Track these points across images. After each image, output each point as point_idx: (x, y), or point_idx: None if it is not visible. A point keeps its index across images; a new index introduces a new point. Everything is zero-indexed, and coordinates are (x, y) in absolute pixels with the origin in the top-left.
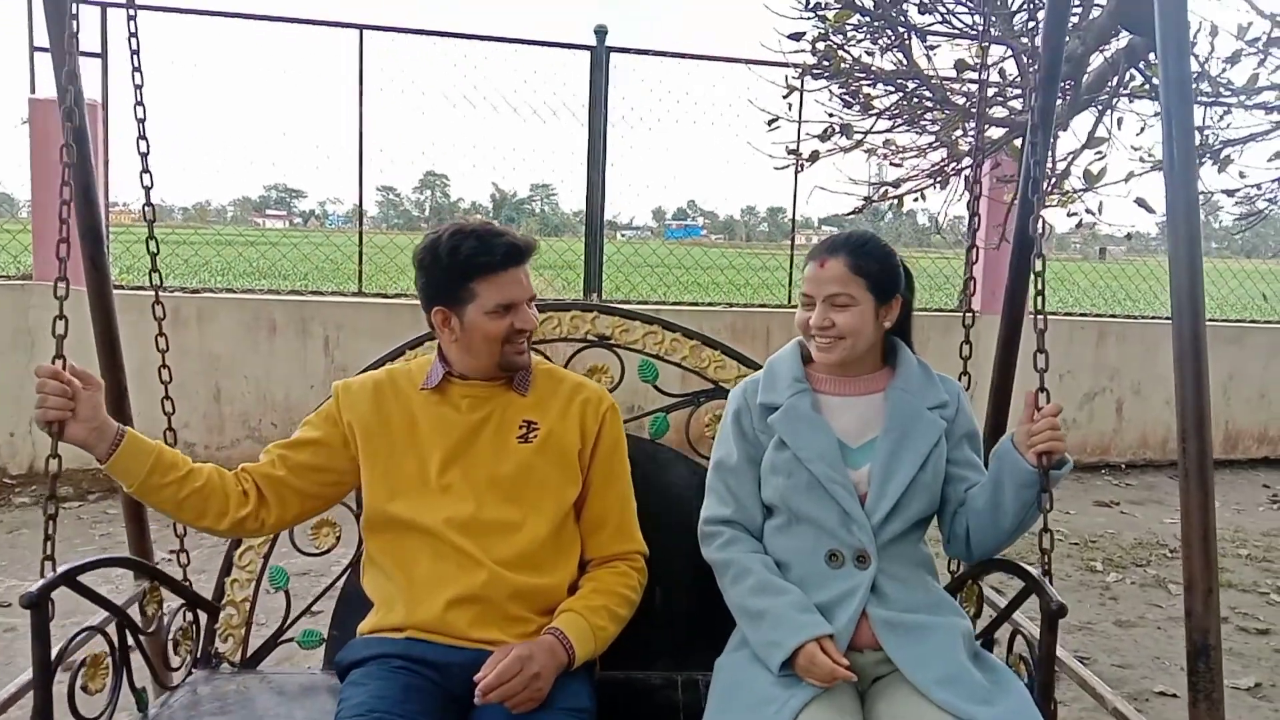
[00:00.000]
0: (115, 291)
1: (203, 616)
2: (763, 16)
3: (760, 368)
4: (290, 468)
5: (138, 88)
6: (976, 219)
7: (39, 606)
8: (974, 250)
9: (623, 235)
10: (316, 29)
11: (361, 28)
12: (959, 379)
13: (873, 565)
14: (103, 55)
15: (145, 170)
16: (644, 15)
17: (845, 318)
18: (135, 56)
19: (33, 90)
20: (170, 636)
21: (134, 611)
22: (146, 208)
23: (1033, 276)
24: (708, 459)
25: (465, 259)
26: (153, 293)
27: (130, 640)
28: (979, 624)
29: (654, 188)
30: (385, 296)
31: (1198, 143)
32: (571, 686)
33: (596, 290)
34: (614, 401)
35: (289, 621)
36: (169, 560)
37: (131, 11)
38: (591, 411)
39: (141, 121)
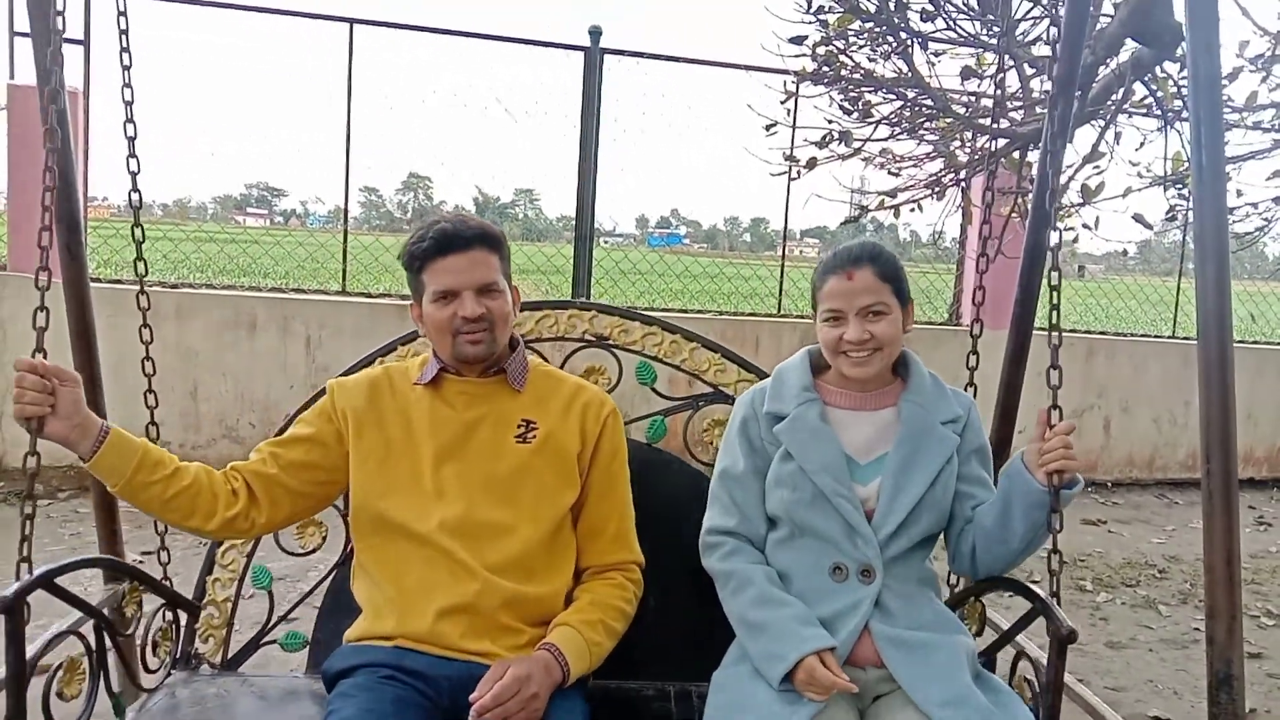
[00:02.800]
0: (91, 284)
1: (183, 617)
2: (762, 20)
3: (761, 373)
4: (282, 465)
5: (125, 69)
6: (987, 226)
7: (14, 611)
8: (982, 259)
9: (606, 241)
10: (304, 24)
11: (352, 21)
12: (965, 389)
13: (877, 580)
14: (85, 43)
15: (132, 155)
16: (637, 19)
17: (882, 327)
18: (124, 36)
19: (12, 76)
20: (149, 637)
21: (110, 613)
22: (133, 193)
23: (1049, 291)
24: (706, 464)
25: (409, 250)
26: (134, 286)
27: (107, 642)
28: (980, 643)
29: (640, 195)
30: (369, 296)
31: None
32: (565, 704)
33: (585, 296)
34: (615, 406)
35: (272, 623)
36: (142, 560)
37: (122, 7)
38: (593, 415)
39: (129, 104)
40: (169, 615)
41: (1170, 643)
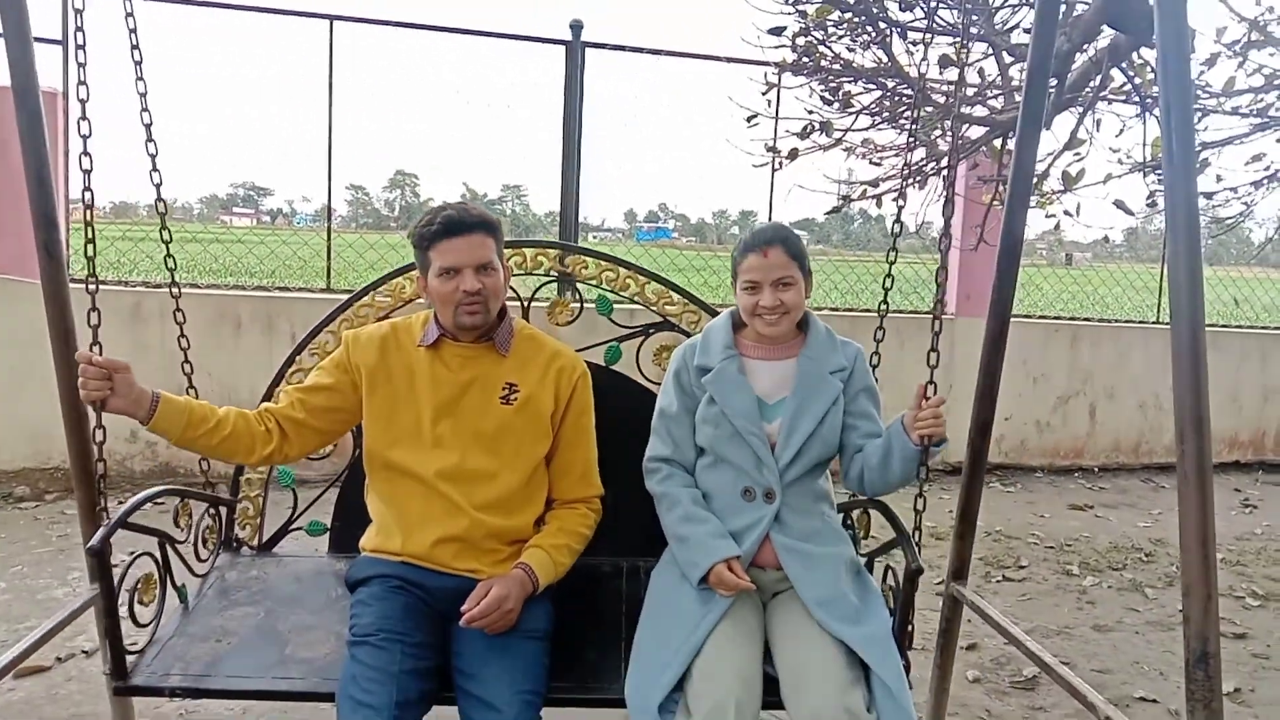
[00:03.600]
0: (70, 285)
1: (223, 512)
2: (743, 12)
3: (701, 302)
4: (309, 410)
5: (138, 63)
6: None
7: (103, 553)
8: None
9: (595, 237)
10: (285, 22)
11: (332, 18)
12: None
13: (778, 500)
14: (63, 42)
15: (154, 169)
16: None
17: (790, 295)
18: (134, 35)
19: None
20: (200, 534)
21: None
22: (159, 202)
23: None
24: (655, 382)
25: (418, 231)
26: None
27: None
28: (867, 546)
29: (628, 189)
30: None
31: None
32: (534, 610)
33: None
34: (586, 369)
35: (297, 514)
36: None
37: (129, 8)
38: (565, 379)
39: (144, 103)
40: (213, 512)
41: (1157, 625)
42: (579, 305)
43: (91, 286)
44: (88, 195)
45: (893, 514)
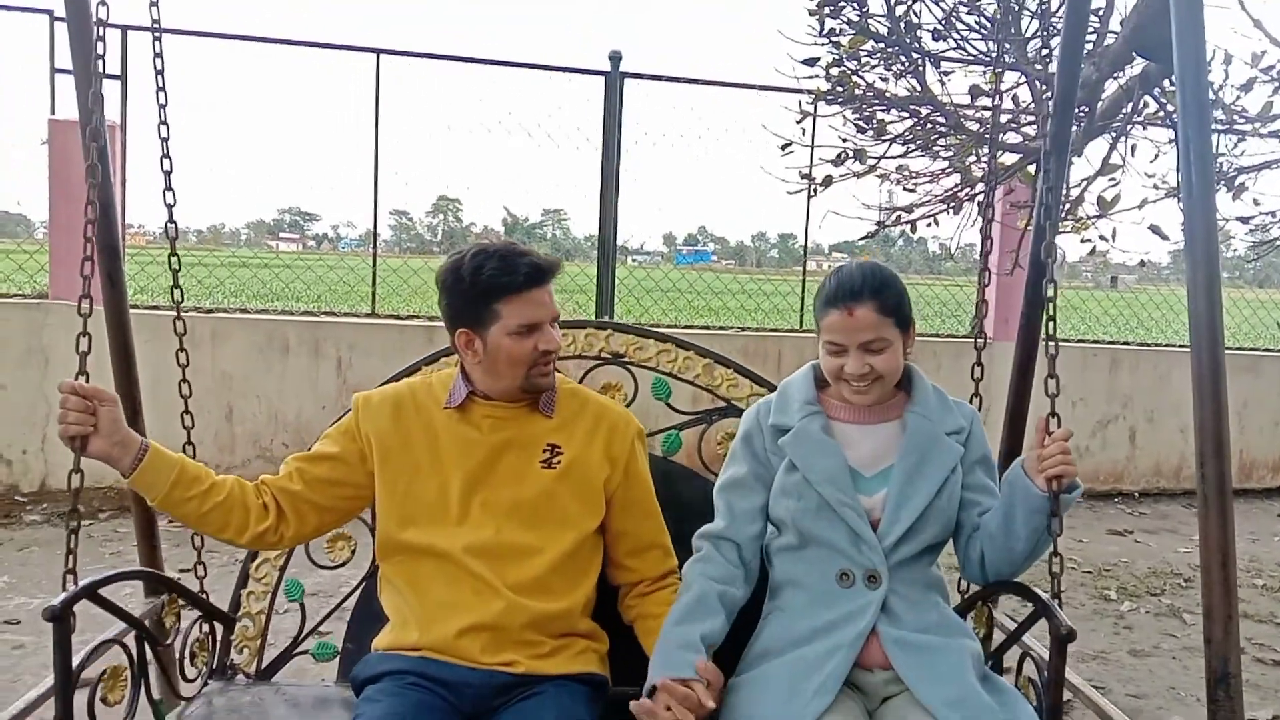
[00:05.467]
0: (130, 310)
1: (219, 628)
2: (777, 42)
3: (770, 384)
4: (307, 482)
5: (161, 107)
6: (989, 242)
7: (61, 619)
8: (985, 274)
9: (634, 260)
10: (334, 54)
11: (379, 52)
12: (971, 402)
13: (883, 585)
14: (123, 78)
15: (168, 187)
16: (658, 41)
17: (882, 360)
18: (160, 77)
19: (53, 111)
20: (187, 648)
21: (150, 624)
22: (170, 224)
23: (1045, 302)
24: (719, 475)
25: (488, 279)
26: (170, 312)
27: (148, 652)
28: (989, 646)
29: (665, 213)
30: (398, 318)
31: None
32: (579, 710)
33: (609, 314)
34: (640, 426)
35: (304, 634)
36: (180, 576)
37: (157, 34)
38: (619, 440)
39: (165, 141)
40: (206, 627)
41: (1194, 650)
42: (634, 388)
43: (85, 308)
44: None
45: (1025, 587)
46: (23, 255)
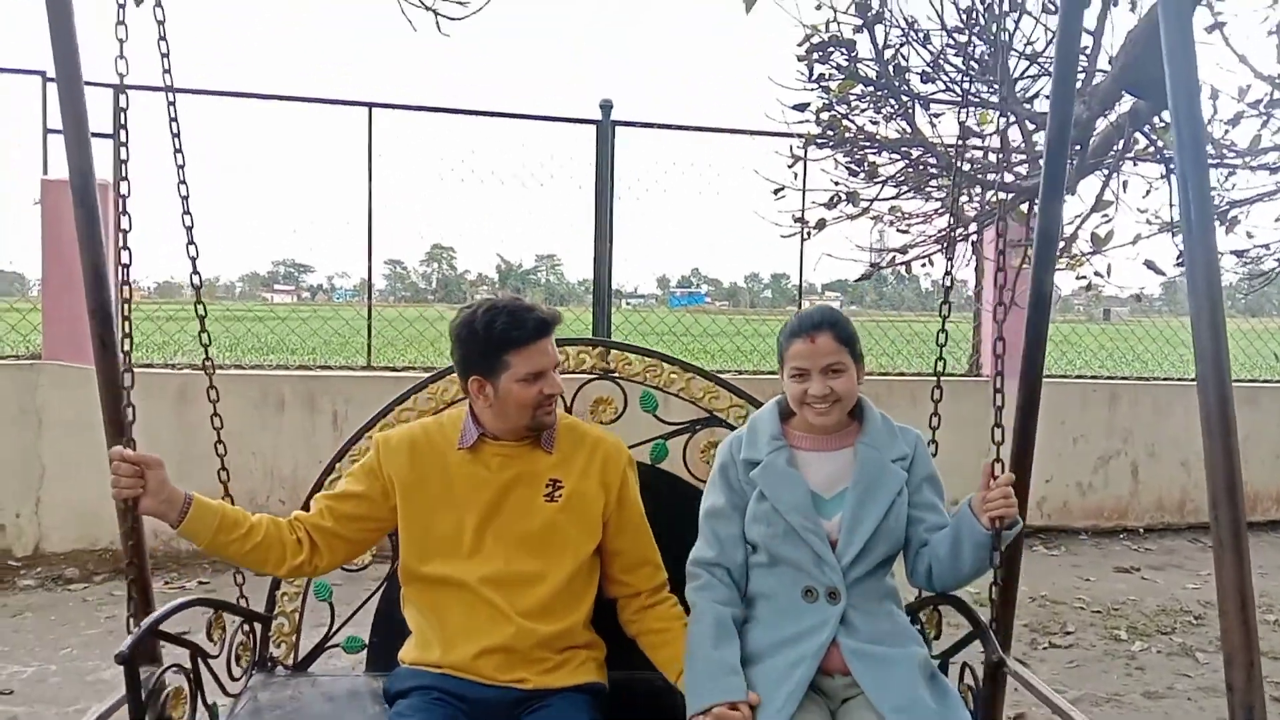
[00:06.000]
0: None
1: (258, 628)
2: (766, 88)
3: (751, 398)
4: (337, 518)
5: (180, 168)
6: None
7: (132, 661)
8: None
9: (628, 304)
10: (326, 110)
11: (370, 105)
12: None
13: (843, 600)
14: (115, 136)
15: (190, 241)
16: (648, 89)
17: (841, 383)
18: (176, 140)
19: (45, 171)
20: (232, 651)
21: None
22: (194, 275)
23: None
24: (702, 481)
25: (500, 333)
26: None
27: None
28: (939, 645)
29: (659, 256)
30: (393, 369)
31: None
32: (582, 718)
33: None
34: (630, 454)
35: (334, 630)
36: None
37: (171, 97)
38: (613, 468)
39: (185, 199)
40: (247, 628)
41: (1209, 690)
42: (623, 402)
43: (127, 380)
44: (125, 289)
45: (968, 607)
46: (15, 315)
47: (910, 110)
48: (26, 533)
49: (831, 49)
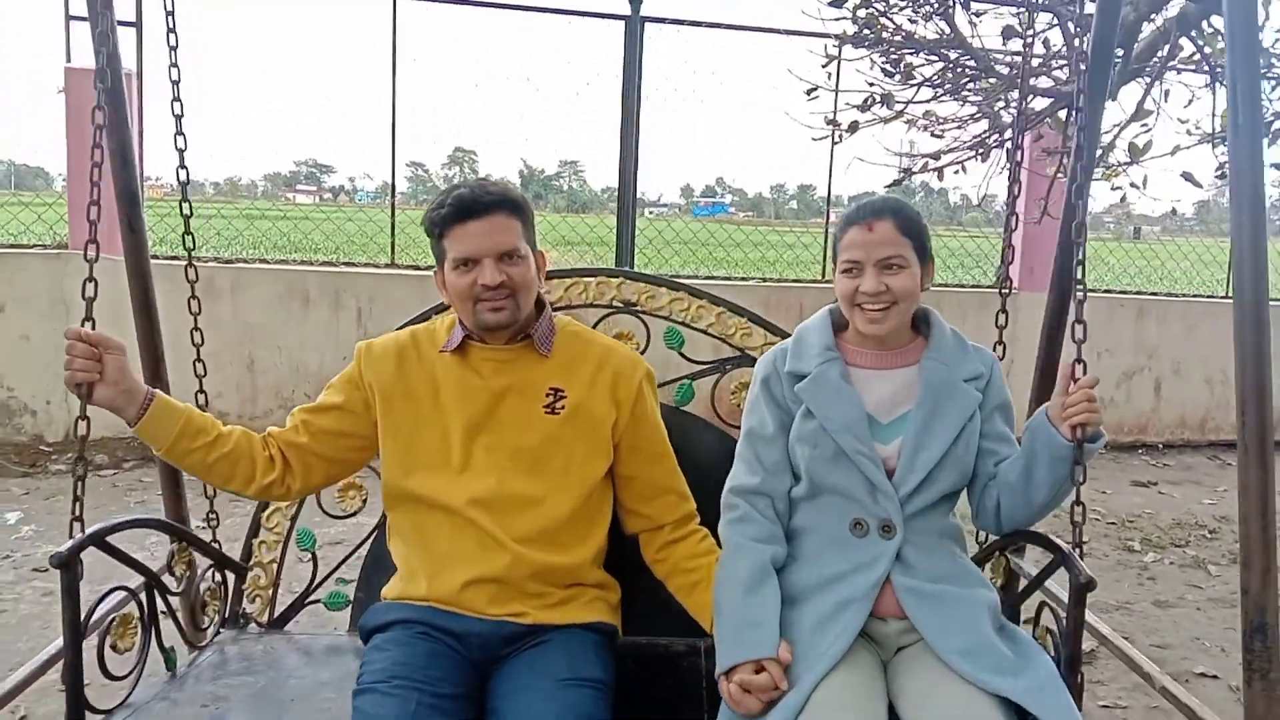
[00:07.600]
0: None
1: (231, 578)
2: None
3: (785, 334)
4: (313, 433)
5: (172, 49)
6: (1017, 186)
7: (68, 566)
8: (1013, 219)
9: (651, 212)
10: (349, 2)
11: None
12: (994, 349)
13: (898, 535)
14: (138, 25)
15: (179, 132)
16: None
17: (899, 280)
18: (170, 17)
19: (68, 59)
20: (199, 598)
21: (164, 575)
22: (180, 169)
23: (1072, 247)
24: (733, 426)
25: (429, 215)
26: (186, 261)
27: (161, 603)
28: (1008, 596)
29: (685, 164)
30: (417, 268)
31: None
32: (589, 657)
33: (629, 266)
34: (648, 367)
35: (316, 583)
36: (203, 527)
37: None
38: (625, 383)
39: (176, 84)
40: (217, 576)
41: (1219, 601)
42: (646, 338)
43: (91, 254)
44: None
45: (1043, 535)
46: (42, 206)
47: (950, 9)
48: (57, 419)
49: None
